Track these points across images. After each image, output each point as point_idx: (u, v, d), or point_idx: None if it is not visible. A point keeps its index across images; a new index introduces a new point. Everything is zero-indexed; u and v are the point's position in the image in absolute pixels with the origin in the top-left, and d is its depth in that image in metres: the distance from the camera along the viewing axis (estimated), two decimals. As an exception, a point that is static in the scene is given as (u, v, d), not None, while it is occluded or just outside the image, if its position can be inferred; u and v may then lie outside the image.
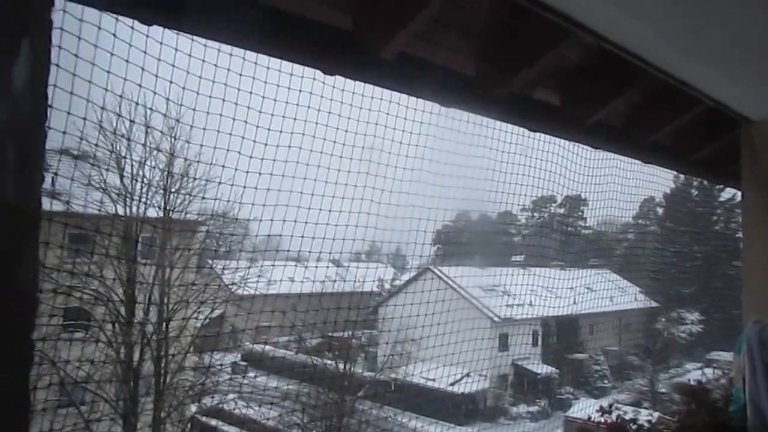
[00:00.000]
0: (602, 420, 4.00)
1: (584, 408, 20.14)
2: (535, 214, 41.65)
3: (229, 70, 5.10)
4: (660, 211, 43.68)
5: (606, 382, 32.41)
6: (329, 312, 14.60)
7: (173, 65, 5.45)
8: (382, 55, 2.66)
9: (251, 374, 16.86)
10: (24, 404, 0.94)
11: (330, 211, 7.96)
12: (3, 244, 0.87)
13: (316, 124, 6.31)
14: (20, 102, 0.89)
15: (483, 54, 3.07)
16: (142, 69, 5.68)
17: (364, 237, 8.95)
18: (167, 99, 7.41)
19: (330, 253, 9.21)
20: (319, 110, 5.93)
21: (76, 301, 11.56)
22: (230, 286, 14.33)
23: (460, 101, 3.34)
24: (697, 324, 38.39)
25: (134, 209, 12.36)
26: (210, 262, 15.51)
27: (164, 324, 12.69)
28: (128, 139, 11.66)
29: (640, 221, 42.83)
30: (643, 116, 4.12)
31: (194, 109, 6.67)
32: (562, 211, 41.29)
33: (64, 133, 5.82)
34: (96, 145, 10.35)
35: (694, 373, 23.13)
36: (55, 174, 8.44)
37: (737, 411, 3.45)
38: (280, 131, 6.50)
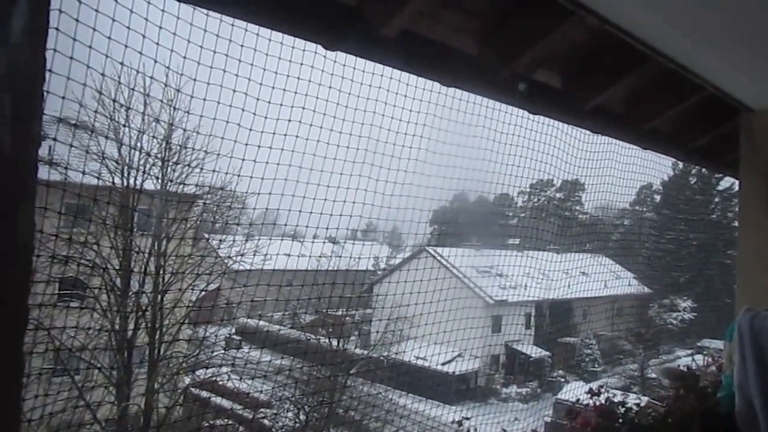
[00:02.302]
0: (591, 402, 4.04)
1: (574, 390, 20.36)
2: (533, 198, 41.75)
3: (230, 40, 5.06)
4: (657, 198, 43.81)
5: (596, 366, 32.69)
6: (324, 289, 14.67)
7: (174, 33, 5.40)
8: (384, 32, 2.64)
9: (245, 348, 16.97)
10: (18, 368, 0.95)
11: (328, 186, 7.96)
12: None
13: (317, 98, 6.29)
14: (18, 52, 0.88)
15: (485, 33, 3.06)
16: (143, 36, 5.63)
17: (361, 214, 8.95)
18: (167, 68, 7.35)
19: (327, 228, 9.21)
20: (319, 85, 5.90)
21: (72, 271, 11.57)
22: (226, 260, 14.35)
23: (461, 81, 3.32)
24: (690, 311, 38.67)
25: (132, 180, 12.33)
26: (206, 235, 15.52)
27: (159, 295, 12.74)
28: (127, 109, 11.58)
29: (637, 207, 42.99)
30: (643, 102, 4.11)
31: (195, 80, 6.62)
32: (559, 195, 41.41)
33: (63, 98, 5.76)
34: (95, 112, 10.28)
35: (684, 360, 23.32)
36: (54, 140, 8.37)
37: (725, 397, 3.49)
38: (280, 104, 6.47)
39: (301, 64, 5.24)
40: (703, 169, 31.76)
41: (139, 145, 12.30)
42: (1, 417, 0.92)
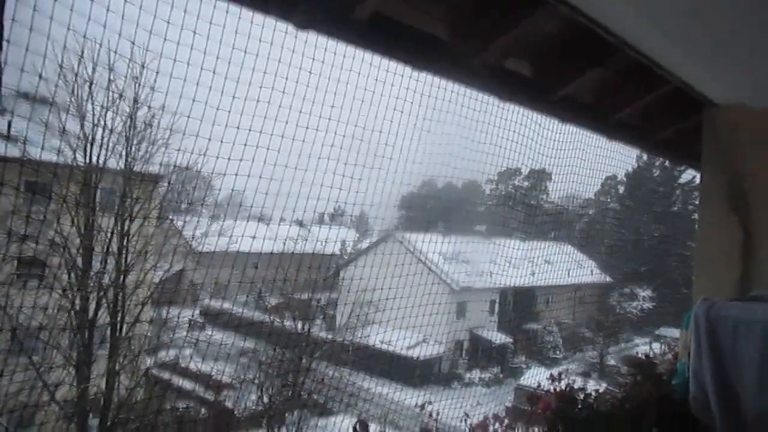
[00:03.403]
0: (552, 388, 4.11)
1: (535, 376, 20.70)
2: (500, 186, 42.11)
3: (198, 16, 4.96)
4: (621, 189, 44.60)
5: (558, 353, 33.31)
6: (290, 272, 14.62)
7: (140, 8, 5.27)
8: (356, 14, 2.61)
9: (208, 330, 16.86)
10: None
11: (296, 168, 7.90)
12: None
13: (286, 79, 6.21)
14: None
15: (458, 20, 3.04)
16: (107, 9, 5.48)
17: (329, 197, 8.91)
18: (132, 43, 7.17)
19: (294, 211, 9.15)
20: (289, 65, 5.83)
21: (31, 250, 11.31)
22: (190, 242, 14.18)
23: (433, 66, 3.30)
24: (649, 301, 39.61)
25: (94, 158, 12.05)
26: (171, 216, 15.29)
27: (121, 276, 12.53)
28: (90, 84, 11.28)
29: (601, 198, 43.71)
30: (611, 93, 4.15)
31: (161, 56, 6.47)
32: (526, 183, 41.84)
33: (22, 70, 5.56)
34: (56, 86, 9.99)
35: (642, 347, 23.90)
36: (12, 113, 8.12)
37: (680, 384, 3.57)
38: (249, 83, 6.38)
39: (271, 43, 5.18)
40: (666, 162, 32.44)
41: (102, 121, 12.02)
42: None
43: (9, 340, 10.95)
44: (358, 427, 2.71)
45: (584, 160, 11.96)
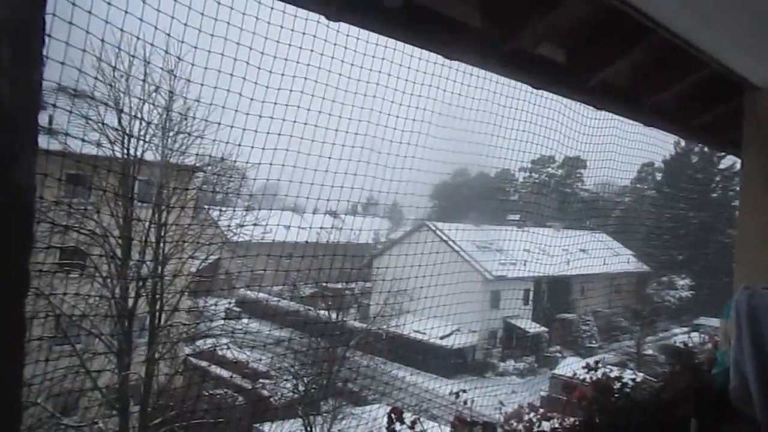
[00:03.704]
0: (588, 377, 4.08)
1: (571, 365, 20.54)
2: (533, 174, 41.64)
3: (232, 8, 5.01)
4: (658, 175, 43.71)
5: (593, 342, 32.95)
6: (324, 262, 14.72)
7: (175, 0, 5.33)
8: (387, 3, 2.61)
9: (244, 320, 17.09)
10: (20, 332, 0.96)
11: (329, 158, 7.93)
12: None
13: (319, 68, 6.24)
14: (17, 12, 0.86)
15: (489, 6, 3.02)
16: (143, 2, 5.56)
17: (363, 186, 8.92)
18: (168, 35, 7.26)
19: (328, 200, 9.19)
20: (321, 55, 5.85)
21: (73, 240, 11.60)
22: (226, 232, 14.37)
23: (464, 54, 3.29)
24: (687, 289, 38.84)
25: (132, 150, 12.27)
26: (206, 207, 15.51)
27: (160, 266, 12.77)
28: (127, 77, 11.46)
29: (637, 185, 42.90)
30: (647, 78, 4.07)
31: (196, 48, 6.54)
32: (560, 171, 41.31)
33: (62, 64, 5.70)
34: (95, 79, 10.17)
35: (680, 337, 23.51)
36: (54, 106, 8.30)
37: (720, 374, 3.52)
38: (282, 74, 6.42)
39: (304, 33, 5.21)
40: (705, 148, 31.67)
41: (139, 114, 12.21)
42: (4, 381, 0.93)
43: (53, 327, 11.27)
44: (392, 414, 2.73)
45: (620, 147, 11.78)
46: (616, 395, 3.78)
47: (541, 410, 3.92)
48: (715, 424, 3.27)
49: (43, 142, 8.96)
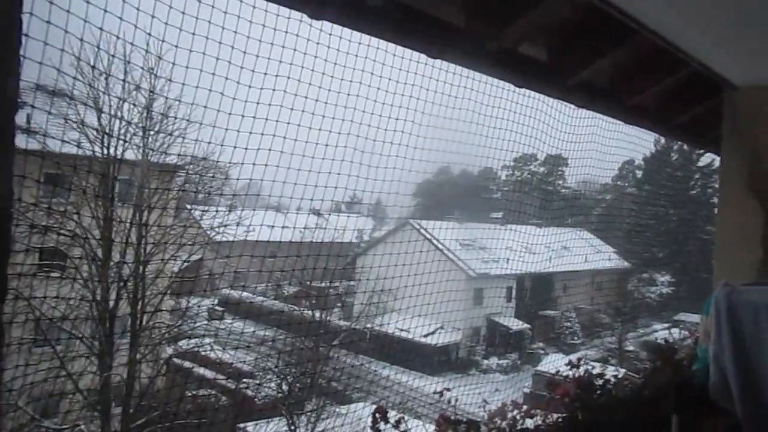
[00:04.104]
0: (571, 374, 4.11)
1: (554, 362, 20.68)
2: (516, 172, 41.86)
3: (213, 6, 4.97)
4: (639, 173, 44.15)
5: (576, 338, 33.21)
6: (307, 261, 14.67)
7: (155, -2, 5.28)
8: (369, 2, 2.60)
9: (228, 320, 17.01)
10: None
11: (312, 157, 7.90)
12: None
13: (301, 68, 6.21)
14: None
15: (472, 5, 3.03)
16: (123, 0, 5.50)
17: (346, 185, 8.92)
18: (148, 34, 7.19)
19: (312, 200, 9.16)
20: (304, 54, 5.83)
21: (52, 241, 11.46)
22: (208, 232, 14.28)
23: (447, 53, 3.29)
24: (668, 286, 39.29)
25: (112, 150, 12.15)
26: (188, 206, 15.40)
27: (141, 266, 12.66)
28: (107, 76, 11.34)
29: (618, 183, 43.30)
30: (628, 77, 4.11)
31: (176, 47, 6.49)
32: (542, 169, 41.60)
33: (41, 63, 5.62)
34: (74, 78, 10.05)
35: (661, 333, 23.76)
36: (32, 107, 8.18)
37: (700, 369, 3.55)
38: (264, 73, 6.38)
39: (286, 32, 5.18)
40: (685, 146, 32.04)
41: (119, 113, 12.10)
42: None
43: (33, 330, 11.13)
44: (377, 413, 2.73)
45: (601, 145, 11.86)
46: (598, 392, 3.82)
47: (525, 407, 3.94)
48: (696, 419, 3.31)
49: (21, 141, 8.84)
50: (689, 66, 3.60)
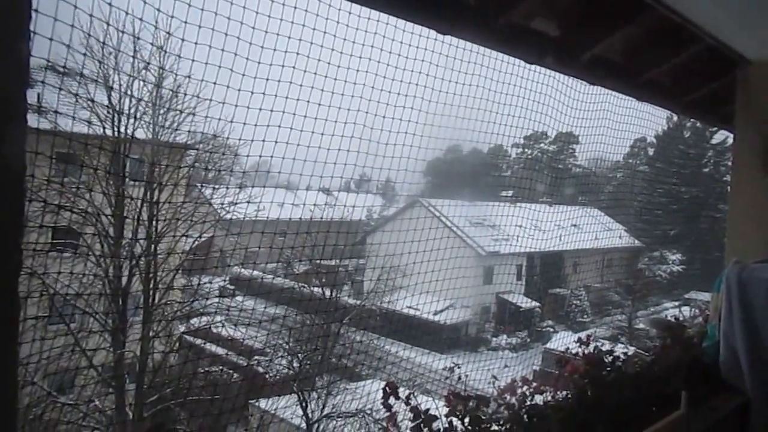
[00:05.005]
0: (580, 351, 4.11)
1: (563, 340, 20.74)
2: (526, 150, 41.62)
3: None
4: (651, 151, 43.78)
5: (585, 316, 33.23)
6: (317, 239, 14.72)
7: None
8: (379, -24, 2.58)
9: (239, 298, 17.11)
10: (14, 311, 0.95)
11: (322, 134, 7.88)
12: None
13: (311, 43, 6.18)
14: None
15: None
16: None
17: (356, 163, 8.89)
18: (158, 10, 7.15)
19: (321, 177, 9.15)
20: (313, 29, 5.80)
21: (65, 220, 11.54)
22: (219, 210, 14.32)
23: (457, 29, 3.25)
24: (679, 264, 39.14)
25: (122, 128, 12.16)
26: (199, 185, 15.44)
27: (153, 244, 12.74)
28: (116, 53, 11.31)
29: (630, 161, 42.97)
30: (641, 52, 4.05)
31: (185, 22, 6.46)
32: (553, 147, 41.31)
33: (51, 40, 5.61)
34: (84, 55, 10.02)
35: (671, 311, 23.74)
36: (43, 83, 8.18)
37: (710, 347, 3.56)
38: (274, 49, 6.36)
39: (295, 7, 5.15)
40: (698, 123, 31.71)
41: (129, 91, 12.08)
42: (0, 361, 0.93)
43: (47, 307, 11.27)
44: (387, 389, 2.75)
45: (613, 122, 11.77)
46: (608, 369, 3.82)
47: (534, 384, 3.95)
48: (706, 396, 3.31)
49: (32, 120, 8.87)
50: (703, 41, 3.55)
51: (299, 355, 16.76)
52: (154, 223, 12.64)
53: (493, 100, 8.74)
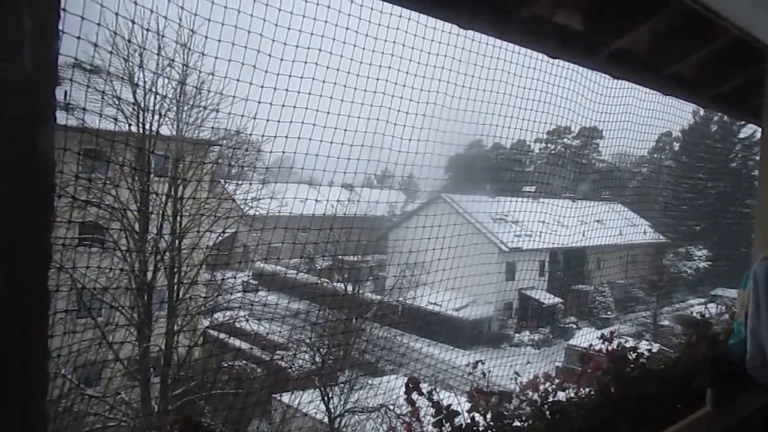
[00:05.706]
0: (603, 348, 4.08)
1: (586, 336, 20.58)
2: (549, 145, 41.27)
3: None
4: (676, 145, 43.12)
5: (609, 313, 32.92)
6: (340, 234, 14.76)
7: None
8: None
9: (261, 293, 17.23)
10: (44, 304, 0.98)
11: (345, 130, 7.89)
12: (20, 108, 0.87)
13: (333, 40, 6.19)
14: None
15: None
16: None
17: (379, 158, 8.89)
18: (181, 8, 7.22)
19: (344, 173, 9.17)
20: (335, 26, 5.81)
21: (92, 215, 11.72)
22: (242, 206, 14.43)
23: (480, 23, 3.24)
24: (705, 260, 38.56)
25: (148, 125, 12.31)
26: (222, 181, 15.57)
27: (177, 240, 12.89)
28: (141, 51, 11.43)
29: (655, 155, 42.39)
30: (666, 45, 3.99)
31: (209, 20, 6.51)
32: (576, 142, 40.89)
33: (78, 38, 5.70)
34: (110, 53, 10.16)
35: (697, 308, 23.40)
36: (71, 80, 8.29)
37: (737, 344, 3.51)
38: (296, 46, 6.39)
39: (317, 4, 5.15)
40: (725, 117, 31.17)
41: (154, 88, 12.22)
42: (31, 353, 0.95)
43: (75, 301, 11.47)
44: (410, 384, 2.76)
45: (637, 117, 11.63)
46: (631, 366, 3.78)
47: (557, 380, 3.93)
48: (731, 393, 3.27)
49: (60, 117, 9.00)
50: (730, 33, 3.49)
51: (321, 350, 16.84)
52: (178, 218, 12.78)
53: (514, 94, 8.69)
